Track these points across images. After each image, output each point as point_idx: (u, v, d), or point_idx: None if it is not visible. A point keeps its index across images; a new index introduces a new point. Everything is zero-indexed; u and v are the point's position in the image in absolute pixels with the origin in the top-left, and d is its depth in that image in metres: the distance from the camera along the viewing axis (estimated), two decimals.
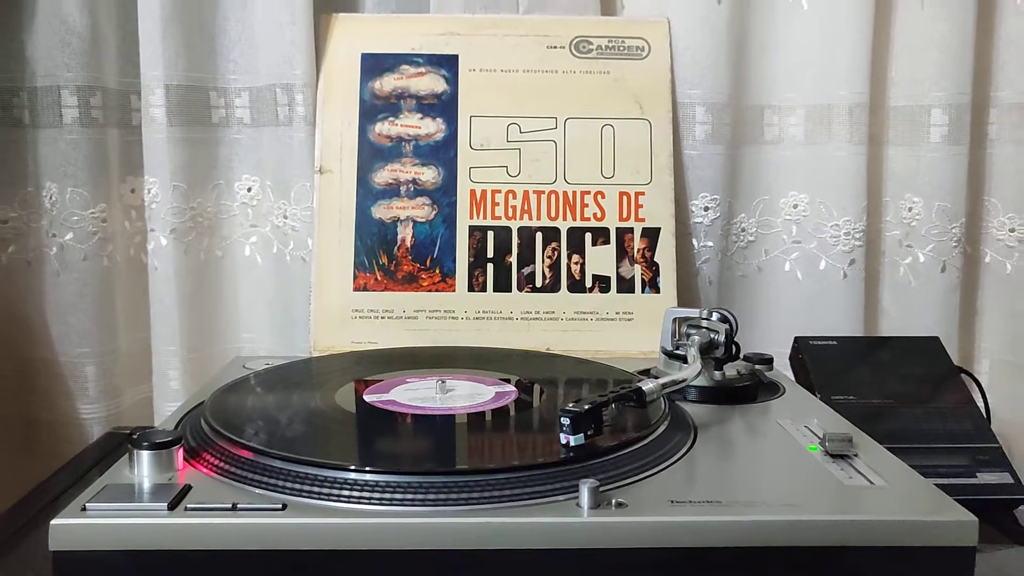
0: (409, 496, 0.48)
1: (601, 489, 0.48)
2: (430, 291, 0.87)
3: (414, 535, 0.46)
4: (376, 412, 0.62)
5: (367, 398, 0.64)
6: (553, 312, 0.87)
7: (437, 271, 0.88)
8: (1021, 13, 0.93)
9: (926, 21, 0.92)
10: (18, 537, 0.63)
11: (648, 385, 0.58)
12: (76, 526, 0.46)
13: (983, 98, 0.95)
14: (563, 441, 0.53)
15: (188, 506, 0.47)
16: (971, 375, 0.87)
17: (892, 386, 0.78)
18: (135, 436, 0.52)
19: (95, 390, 0.91)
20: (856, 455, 0.56)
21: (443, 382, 0.65)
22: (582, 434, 0.53)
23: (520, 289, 0.88)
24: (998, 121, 0.95)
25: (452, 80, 0.91)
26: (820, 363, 0.81)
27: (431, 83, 0.91)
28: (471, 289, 0.87)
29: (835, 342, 0.83)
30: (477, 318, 0.87)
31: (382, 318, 0.86)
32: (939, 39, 0.91)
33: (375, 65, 0.91)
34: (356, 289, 0.87)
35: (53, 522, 0.46)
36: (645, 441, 0.55)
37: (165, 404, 0.91)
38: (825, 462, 0.55)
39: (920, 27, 0.92)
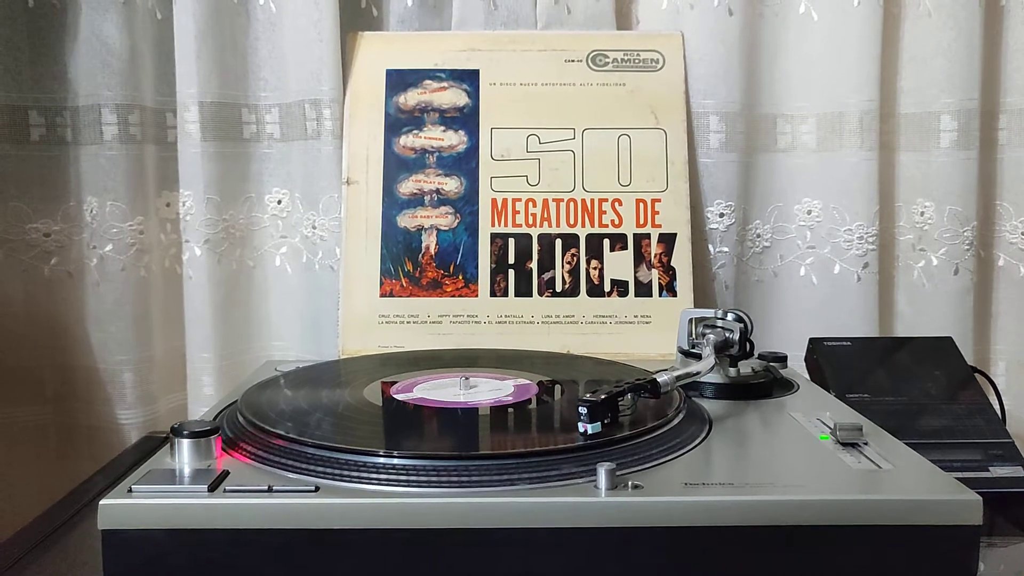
0: (435, 478, 0.50)
1: (618, 473, 0.50)
2: (454, 296, 0.90)
3: (440, 514, 0.48)
4: (403, 405, 0.64)
5: (394, 393, 0.67)
6: (573, 316, 0.90)
7: (460, 277, 0.91)
8: None
9: (933, 30, 0.94)
10: (59, 534, 0.65)
11: (663, 377, 0.60)
12: (123, 506, 0.49)
13: (992, 104, 0.96)
14: (581, 429, 0.55)
15: (227, 488, 0.50)
16: (986, 376, 0.88)
17: (905, 385, 0.79)
18: (176, 426, 0.55)
19: (132, 396, 0.94)
20: (866, 443, 0.57)
21: (466, 379, 0.68)
22: (599, 422, 0.55)
23: (540, 294, 0.90)
24: (1008, 127, 0.97)
25: (473, 94, 0.95)
26: (834, 363, 0.82)
27: (453, 97, 0.95)
28: (493, 294, 0.90)
29: (848, 343, 0.85)
30: (499, 322, 0.89)
31: (408, 323, 0.89)
32: (946, 47, 0.93)
33: (399, 80, 0.95)
34: (382, 295, 0.90)
35: (102, 502, 0.49)
36: (661, 430, 0.58)
37: (199, 409, 0.94)
38: (836, 450, 0.57)
39: (928, 35, 0.94)
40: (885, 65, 0.94)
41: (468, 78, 0.95)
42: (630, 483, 0.50)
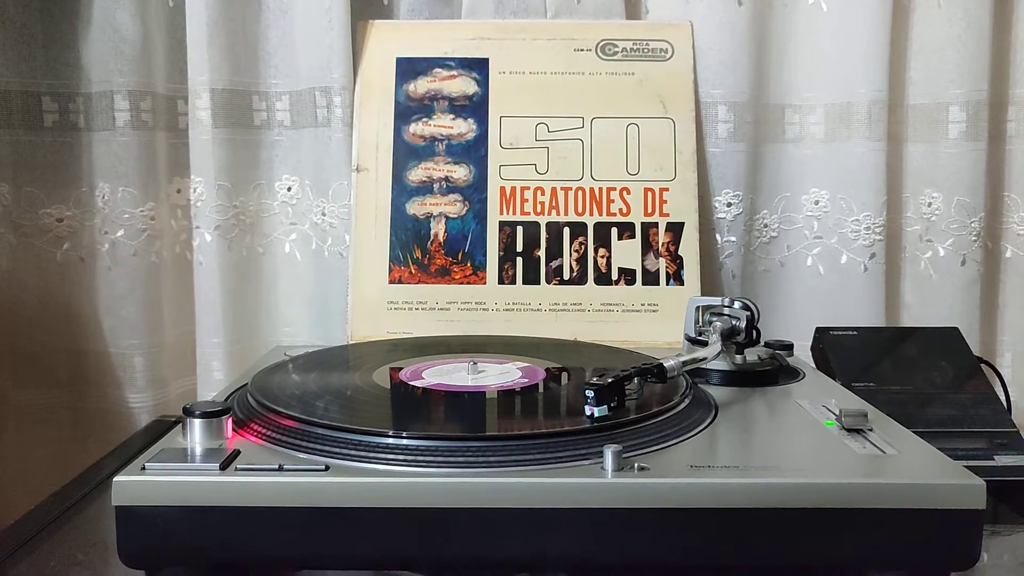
0: (443, 459, 0.51)
1: (624, 455, 0.50)
2: (462, 284, 0.91)
3: (448, 494, 0.49)
4: (412, 388, 0.65)
5: (402, 377, 0.67)
6: (580, 304, 0.90)
7: (468, 264, 0.91)
8: None
9: (943, 20, 0.94)
10: (72, 512, 0.66)
11: (669, 362, 0.61)
12: (137, 483, 0.49)
13: (1001, 95, 0.96)
14: (587, 412, 0.55)
15: (238, 467, 0.51)
16: (992, 366, 0.88)
17: (911, 374, 0.80)
18: (188, 406, 0.55)
19: (143, 380, 0.95)
20: (871, 429, 0.58)
21: (474, 363, 0.68)
22: (605, 406, 0.56)
23: (548, 282, 0.91)
24: (1017, 118, 0.97)
25: (483, 82, 0.95)
26: (840, 352, 0.82)
27: (463, 85, 0.95)
28: (501, 282, 0.91)
29: (855, 332, 0.85)
30: (507, 309, 0.90)
31: (416, 309, 0.90)
32: (955, 37, 0.93)
33: (409, 68, 0.95)
34: (391, 282, 0.91)
35: (116, 479, 0.49)
36: (667, 414, 0.58)
37: (209, 393, 0.94)
38: (841, 436, 0.57)
39: (937, 26, 0.94)
40: (894, 56, 0.94)
41: (478, 66, 0.95)
42: (636, 465, 0.50)
